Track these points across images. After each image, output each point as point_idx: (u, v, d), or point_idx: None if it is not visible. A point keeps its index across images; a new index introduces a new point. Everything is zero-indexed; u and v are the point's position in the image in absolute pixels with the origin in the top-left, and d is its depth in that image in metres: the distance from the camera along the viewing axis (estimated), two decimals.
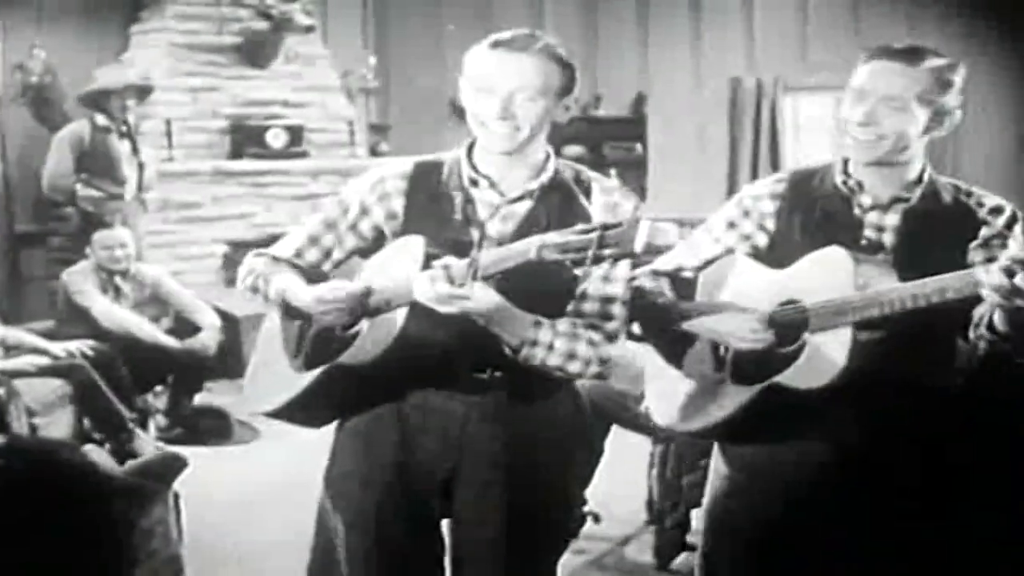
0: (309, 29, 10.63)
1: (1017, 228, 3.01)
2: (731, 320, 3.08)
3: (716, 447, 3.31)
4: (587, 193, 3.05)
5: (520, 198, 2.98)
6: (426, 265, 2.80)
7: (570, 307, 2.98)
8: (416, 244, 2.90)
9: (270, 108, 10.60)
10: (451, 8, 11.35)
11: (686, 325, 3.18)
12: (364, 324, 2.96)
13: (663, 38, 12.40)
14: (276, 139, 10.42)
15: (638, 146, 12.37)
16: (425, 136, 2.82)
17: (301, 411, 3.14)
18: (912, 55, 2.97)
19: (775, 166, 12.36)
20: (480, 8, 11.33)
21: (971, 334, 2.87)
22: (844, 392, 2.82)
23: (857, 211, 3.06)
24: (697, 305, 3.21)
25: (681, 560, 5.38)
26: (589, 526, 5.73)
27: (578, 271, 2.68)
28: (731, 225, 3.25)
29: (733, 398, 3.05)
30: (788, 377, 2.91)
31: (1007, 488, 4.00)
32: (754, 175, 12.38)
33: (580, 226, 2.61)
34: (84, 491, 4.26)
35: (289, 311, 3.17)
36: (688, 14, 12.43)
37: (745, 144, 12.39)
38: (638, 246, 2.53)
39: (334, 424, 3.23)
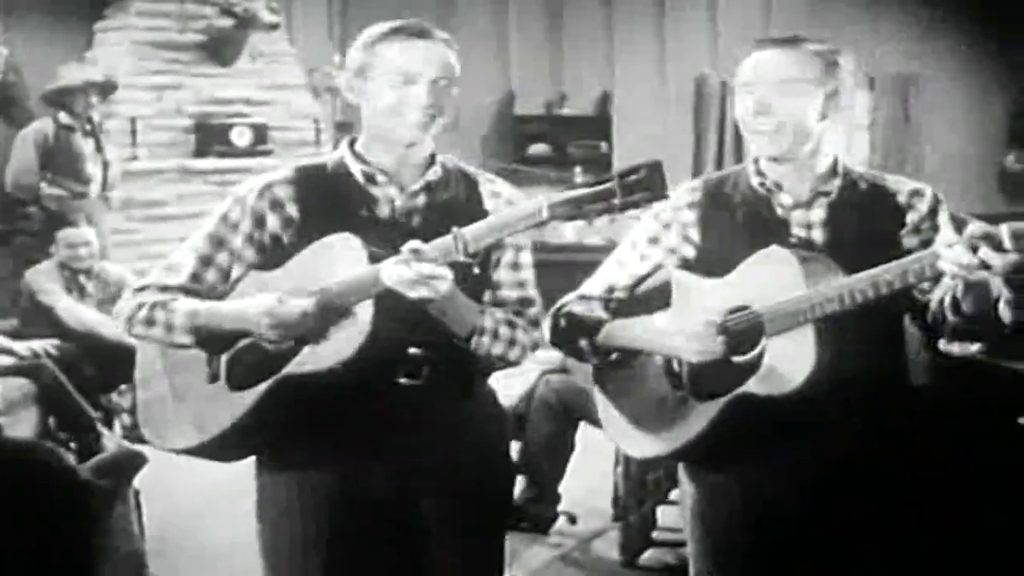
0: (274, 27, 10.60)
1: (941, 209, 2.97)
2: (678, 333, 2.93)
3: (681, 470, 3.20)
4: (474, 185, 3.03)
5: (418, 191, 2.93)
6: (371, 261, 2.72)
7: (487, 297, 2.97)
8: (351, 242, 2.78)
9: (235, 106, 10.57)
10: (415, 6, 11.34)
11: (634, 344, 3.08)
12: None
13: (628, 36, 12.42)
14: (241, 137, 10.39)
15: (603, 144, 12.38)
16: None
17: (240, 438, 2.92)
18: (791, 41, 2.94)
19: (740, 163, 12.39)
20: (444, 7, 11.33)
21: (929, 319, 2.84)
22: (817, 393, 2.74)
23: (780, 211, 2.99)
24: (639, 321, 3.08)
25: (647, 556, 5.40)
26: (559, 523, 5.76)
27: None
28: (653, 240, 3.13)
29: (700, 415, 2.94)
30: (755, 385, 2.82)
31: (984, 487, 4.01)
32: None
33: (588, 180, 2.55)
34: (45, 489, 4.25)
35: (203, 336, 2.93)
36: (652, 12, 12.45)
37: (710, 141, 12.41)
38: (669, 188, 2.48)
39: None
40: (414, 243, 2.65)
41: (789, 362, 2.77)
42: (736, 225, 3.02)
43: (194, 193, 10.17)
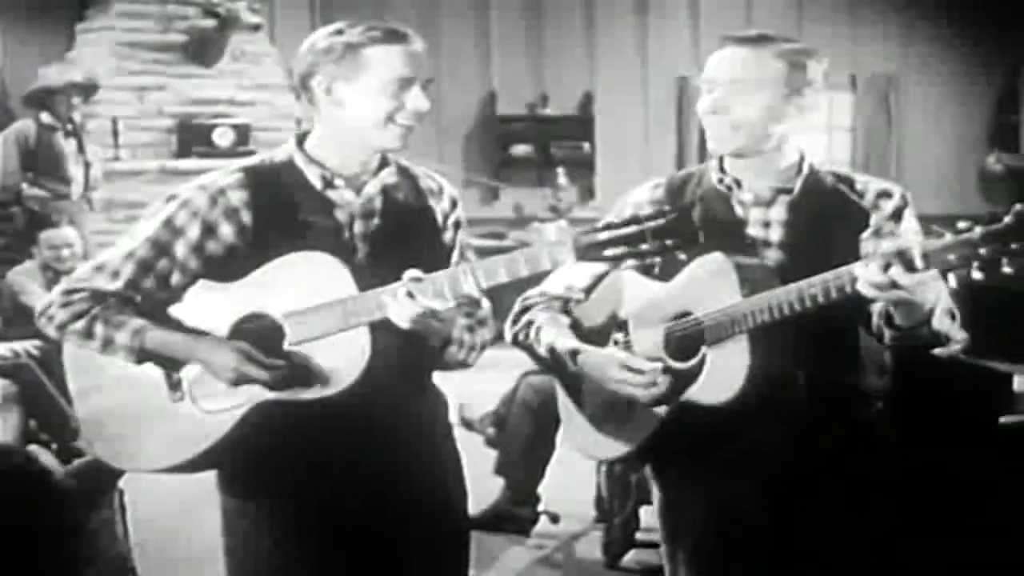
0: (256, 27, 10.60)
1: (907, 212, 2.91)
2: (624, 382, 2.87)
3: (648, 470, 3.20)
4: (415, 181, 2.94)
5: (376, 194, 2.84)
6: (358, 282, 2.64)
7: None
8: (328, 261, 2.68)
9: (217, 107, 10.57)
10: (397, 7, 11.34)
11: (591, 374, 3.00)
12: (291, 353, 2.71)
13: (610, 38, 12.43)
14: (223, 138, 10.38)
15: (586, 145, 12.39)
16: None
17: (214, 459, 2.83)
18: (755, 40, 2.88)
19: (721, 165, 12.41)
20: (426, 7, 11.33)
21: (874, 329, 2.79)
22: (753, 402, 2.71)
23: (739, 209, 2.94)
24: (593, 353, 2.99)
25: (630, 557, 5.40)
26: (541, 524, 5.76)
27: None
28: None
29: (648, 420, 2.92)
30: (695, 393, 2.80)
31: (963, 486, 4.01)
32: None
33: (607, 220, 2.48)
34: (29, 493, 4.24)
35: (146, 357, 2.78)
36: (634, 13, 12.47)
37: (692, 143, 12.43)
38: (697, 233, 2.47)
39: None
40: (414, 272, 2.58)
41: (724, 372, 2.75)
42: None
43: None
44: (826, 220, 2.90)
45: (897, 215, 2.90)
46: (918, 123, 12.20)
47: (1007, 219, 2.33)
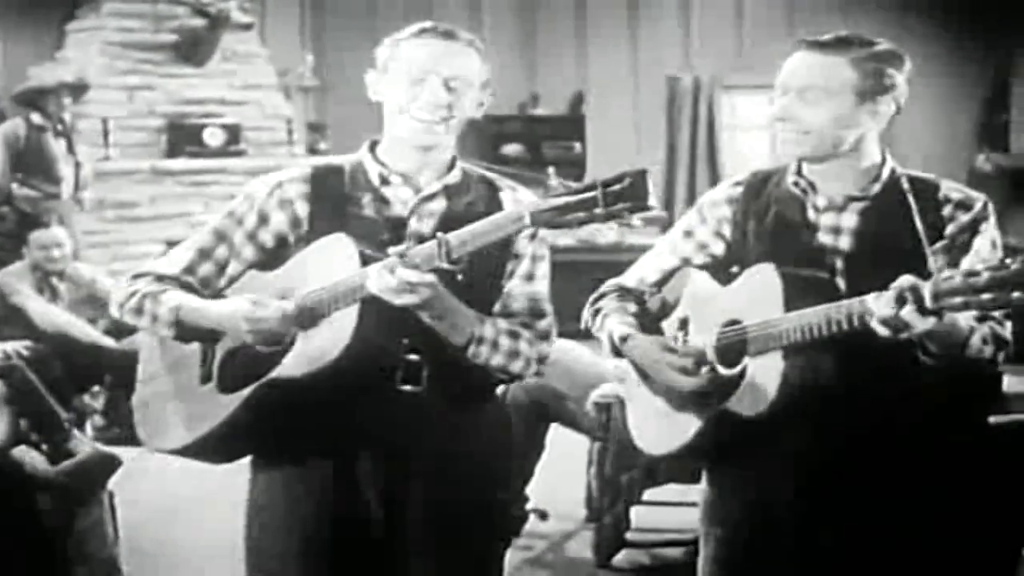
0: (246, 27, 10.58)
1: (985, 226, 2.82)
2: (665, 365, 2.92)
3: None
4: (494, 191, 2.95)
5: (435, 195, 2.87)
6: (363, 263, 2.66)
7: (497, 307, 2.89)
8: (343, 243, 2.73)
9: (207, 106, 10.54)
10: (388, 7, 11.34)
11: (627, 351, 3.04)
12: (297, 335, 2.76)
13: (601, 37, 12.44)
14: (213, 138, 10.37)
15: (577, 145, 12.39)
16: (364, 134, 2.82)
17: (222, 442, 2.89)
18: (833, 45, 2.85)
19: (713, 164, 12.43)
20: (418, 7, 11.32)
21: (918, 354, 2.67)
22: (788, 416, 2.68)
23: (812, 213, 2.88)
24: (645, 341, 3.01)
25: (621, 557, 5.40)
26: (531, 523, 5.75)
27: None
28: (687, 234, 3.10)
29: (691, 423, 2.90)
30: (734, 403, 2.76)
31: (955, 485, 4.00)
32: (692, 173, 12.45)
33: (571, 186, 2.47)
34: (18, 494, 4.23)
35: (185, 331, 2.90)
36: (625, 13, 12.47)
37: (683, 142, 12.45)
38: (652, 199, 2.41)
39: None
40: (400, 247, 2.60)
41: (758, 387, 2.72)
42: (765, 225, 2.95)
43: (166, 194, 10.16)
44: (899, 230, 2.81)
45: (974, 227, 2.82)
46: (908, 122, 12.17)
47: (1015, 266, 2.26)
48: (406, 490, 2.88)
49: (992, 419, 4.36)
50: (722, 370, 2.85)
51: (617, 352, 3.09)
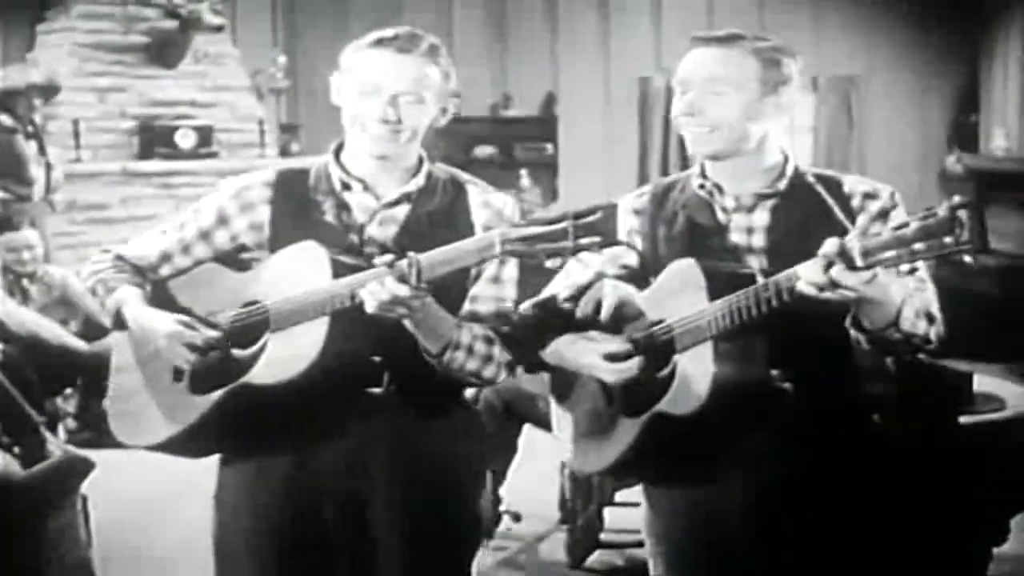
0: (218, 28, 10.56)
1: (895, 213, 2.81)
2: (589, 350, 2.86)
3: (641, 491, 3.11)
4: (462, 195, 2.95)
5: (397, 202, 2.88)
6: (336, 272, 2.67)
7: (464, 310, 2.89)
8: (315, 250, 2.74)
9: (179, 108, 10.52)
10: (360, 7, 11.33)
11: (562, 363, 2.97)
12: (269, 340, 2.77)
13: (572, 38, 12.44)
14: (185, 139, 10.34)
15: (549, 146, 12.41)
16: (335, 136, 2.82)
17: (195, 441, 2.90)
18: (728, 39, 2.85)
19: (684, 165, 12.41)
20: (389, 7, 11.32)
21: (852, 334, 2.66)
22: (723, 412, 2.62)
23: (721, 215, 2.87)
24: (566, 340, 2.95)
25: (595, 558, 5.41)
26: (504, 525, 5.75)
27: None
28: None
29: (626, 432, 2.82)
30: (667, 404, 2.70)
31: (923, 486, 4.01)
32: (664, 174, 12.46)
33: (543, 216, 2.49)
34: None
35: (122, 327, 2.98)
36: (596, 13, 12.48)
37: (655, 144, 12.46)
38: (621, 232, 2.44)
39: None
40: (388, 257, 2.60)
41: (691, 382, 2.67)
42: (675, 232, 2.92)
43: (138, 195, 10.12)
44: (811, 224, 2.77)
45: (883, 216, 2.82)
46: (879, 124, 12.26)
47: (940, 213, 2.26)
48: (370, 491, 2.89)
49: (963, 419, 4.39)
50: (657, 374, 2.78)
51: (530, 370, 3.12)
